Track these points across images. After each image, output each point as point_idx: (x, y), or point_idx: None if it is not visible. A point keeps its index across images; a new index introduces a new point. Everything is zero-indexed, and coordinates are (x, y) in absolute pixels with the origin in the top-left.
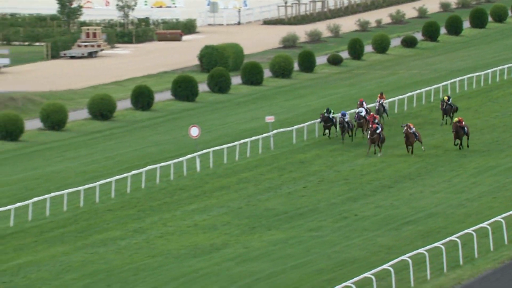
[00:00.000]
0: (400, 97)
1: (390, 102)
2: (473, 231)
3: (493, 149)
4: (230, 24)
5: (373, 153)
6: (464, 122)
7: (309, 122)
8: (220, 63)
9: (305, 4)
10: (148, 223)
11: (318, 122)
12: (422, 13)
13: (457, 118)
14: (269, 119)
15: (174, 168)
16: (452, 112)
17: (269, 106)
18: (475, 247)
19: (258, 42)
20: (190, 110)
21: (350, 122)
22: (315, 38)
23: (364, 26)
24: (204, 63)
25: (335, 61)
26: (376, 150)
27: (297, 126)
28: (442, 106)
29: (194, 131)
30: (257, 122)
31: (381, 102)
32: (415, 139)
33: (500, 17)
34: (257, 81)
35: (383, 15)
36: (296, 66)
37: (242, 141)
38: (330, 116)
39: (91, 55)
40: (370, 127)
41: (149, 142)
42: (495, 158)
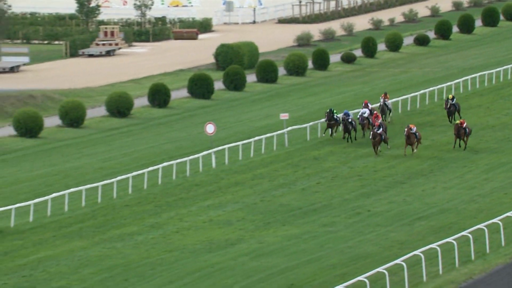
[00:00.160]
0: (413, 95)
1: (403, 100)
2: (485, 227)
3: (505, 146)
4: (245, 23)
5: (378, 153)
6: (466, 124)
7: (323, 120)
8: (236, 61)
9: (319, 3)
10: (165, 219)
11: (324, 121)
12: (435, 12)
13: (459, 120)
14: (284, 116)
15: (190, 165)
16: (458, 112)
17: (284, 104)
18: (487, 242)
19: (273, 41)
20: (206, 108)
21: (354, 122)
22: (329, 37)
23: (377, 25)
24: (220, 61)
25: (349, 59)
26: (379, 149)
27: (311, 123)
28: (446, 106)
29: (210, 128)
30: (272, 119)
31: (385, 102)
32: (416, 140)
33: None
34: (272, 79)
35: (396, 14)
36: (310, 64)
37: (257, 138)
38: (335, 116)
39: (109, 54)
40: (373, 128)
41: (166, 139)
42: (507, 155)
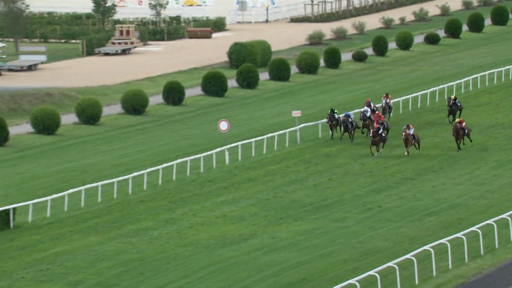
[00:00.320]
0: (423, 92)
1: (413, 97)
2: (494, 222)
3: None
4: (258, 22)
5: (376, 153)
6: (465, 124)
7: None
8: (249, 60)
9: (331, 2)
10: (179, 214)
11: (326, 122)
12: (445, 11)
13: (458, 119)
14: (296, 114)
15: (204, 161)
16: (459, 111)
17: (296, 101)
18: (496, 238)
19: (285, 39)
20: (220, 105)
21: (354, 122)
22: (341, 35)
23: (388, 24)
24: (233, 60)
25: (360, 58)
26: (374, 150)
27: (323, 121)
28: (449, 103)
29: (223, 125)
30: (284, 117)
31: (387, 102)
32: (413, 141)
33: None
34: (284, 77)
35: (407, 13)
36: (322, 63)
37: (270, 135)
38: (336, 117)
39: (125, 52)
40: (373, 128)
41: (180, 136)
42: None
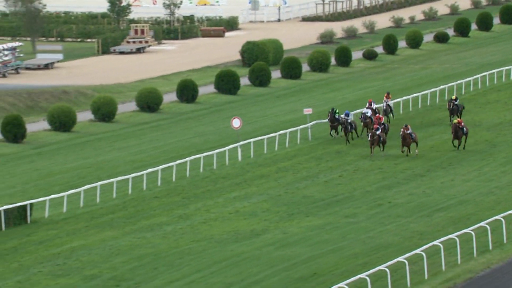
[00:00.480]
0: (432, 90)
1: (423, 95)
2: (502, 218)
3: None
4: (270, 21)
5: (375, 154)
6: (464, 124)
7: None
8: (261, 58)
9: (342, 2)
10: (192, 210)
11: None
12: (454, 10)
13: (457, 120)
14: (307, 111)
15: (217, 158)
16: (460, 112)
17: (307, 99)
18: (504, 233)
19: (297, 38)
20: (232, 103)
21: (354, 123)
22: (351, 34)
23: (398, 23)
24: (246, 58)
25: (370, 56)
26: (376, 150)
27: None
28: (449, 106)
29: (236, 123)
30: (296, 114)
31: (388, 103)
32: (412, 141)
33: None
34: (296, 75)
35: (417, 12)
36: (333, 61)
37: (281, 132)
38: (337, 116)
39: (139, 51)
40: (371, 129)
41: (194, 133)
42: None
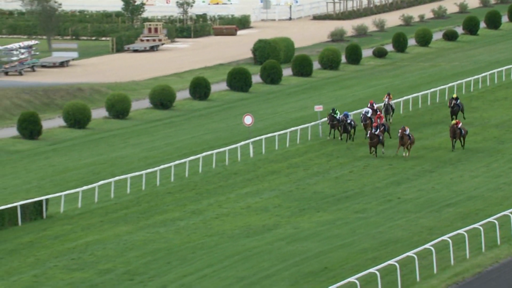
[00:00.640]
0: (441, 88)
1: (432, 93)
2: (510, 213)
3: None
4: (282, 20)
5: (374, 154)
6: (461, 125)
7: (355, 111)
8: (272, 56)
9: (352, 0)
10: (205, 205)
11: (327, 123)
12: (463, 8)
13: (455, 121)
14: (318, 108)
15: (229, 154)
16: (462, 111)
17: (318, 96)
18: None
19: (308, 36)
20: (244, 100)
21: (353, 122)
22: (362, 32)
23: (408, 21)
24: (257, 56)
25: (380, 54)
26: (376, 150)
27: (352, 113)
28: (450, 104)
29: (248, 120)
30: (307, 111)
31: (389, 102)
32: (409, 141)
33: None
34: (307, 73)
35: (426, 11)
36: (344, 59)
37: (292, 129)
38: (337, 117)
39: (153, 49)
40: (370, 129)
41: (206, 130)
42: None
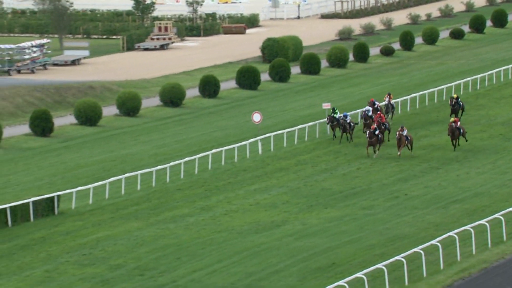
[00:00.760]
0: (448, 85)
1: (439, 90)
2: None
3: None
4: (290, 18)
5: (374, 154)
6: (460, 123)
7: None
8: (281, 54)
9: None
10: (214, 202)
11: (326, 123)
12: (470, 7)
13: (453, 119)
14: (326, 106)
15: (238, 151)
16: (461, 110)
17: (326, 94)
18: None
19: (316, 35)
20: (253, 98)
21: (352, 122)
22: (369, 31)
23: (415, 20)
24: (266, 54)
25: (388, 52)
26: (371, 150)
27: (352, 112)
28: (451, 103)
29: (257, 117)
30: (315, 109)
31: (389, 102)
32: (406, 142)
33: None
34: (315, 71)
35: (433, 9)
36: (351, 57)
37: (301, 126)
38: (336, 116)
39: (163, 47)
40: (369, 129)
41: (215, 127)
42: None
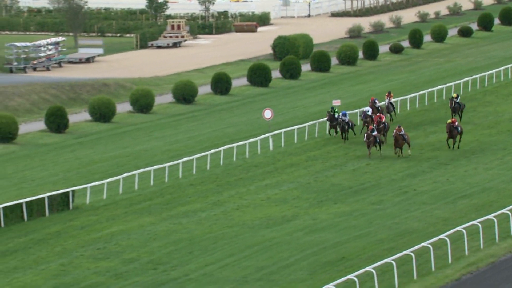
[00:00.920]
0: (456, 83)
1: (447, 87)
2: None
3: None
4: (301, 17)
5: (372, 154)
6: (457, 123)
7: (381, 103)
8: (292, 52)
9: None
10: (226, 197)
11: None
12: (478, 5)
13: (451, 119)
14: (336, 103)
15: (249, 147)
16: (461, 110)
17: (336, 91)
18: None
19: (326, 33)
20: (264, 95)
21: (351, 122)
22: (378, 29)
23: (424, 18)
24: (277, 52)
25: (397, 50)
26: (370, 152)
27: (361, 109)
28: (451, 105)
29: (268, 114)
30: (325, 106)
31: (390, 101)
32: (404, 142)
33: None
34: (325, 68)
35: (441, 7)
36: (361, 55)
37: (311, 123)
38: (336, 116)
39: (176, 45)
40: (367, 129)
41: (227, 124)
42: None
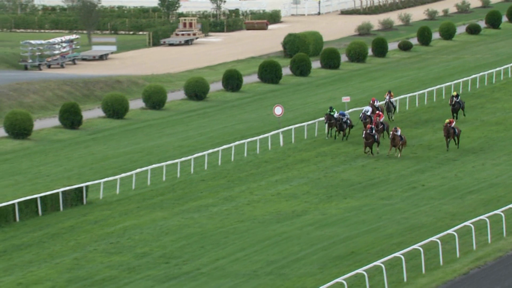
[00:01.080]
0: (464, 79)
1: (456, 84)
2: None
3: None
4: (311, 14)
5: (372, 153)
6: (455, 124)
7: (381, 102)
8: (302, 49)
9: None
10: (237, 192)
11: (324, 122)
12: (486, 3)
13: (448, 120)
14: (345, 99)
15: (260, 143)
16: (462, 108)
17: (345, 88)
18: None
19: (336, 30)
20: (275, 91)
21: (349, 120)
22: (387, 27)
23: (432, 15)
24: (287, 49)
25: (405, 47)
26: (368, 150)
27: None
28: (451, 102)
29: (278, 110)
30: (335, 102)
31: (390, 100)
32: (400, 142)
33: None
34: (335, 65)
35: (450, 5)
36: (370, 52)
37: (321, 119)
38: (335, 116)
39: (188, 43)
40: (365, 129)
41: (238, 120)
42: None
